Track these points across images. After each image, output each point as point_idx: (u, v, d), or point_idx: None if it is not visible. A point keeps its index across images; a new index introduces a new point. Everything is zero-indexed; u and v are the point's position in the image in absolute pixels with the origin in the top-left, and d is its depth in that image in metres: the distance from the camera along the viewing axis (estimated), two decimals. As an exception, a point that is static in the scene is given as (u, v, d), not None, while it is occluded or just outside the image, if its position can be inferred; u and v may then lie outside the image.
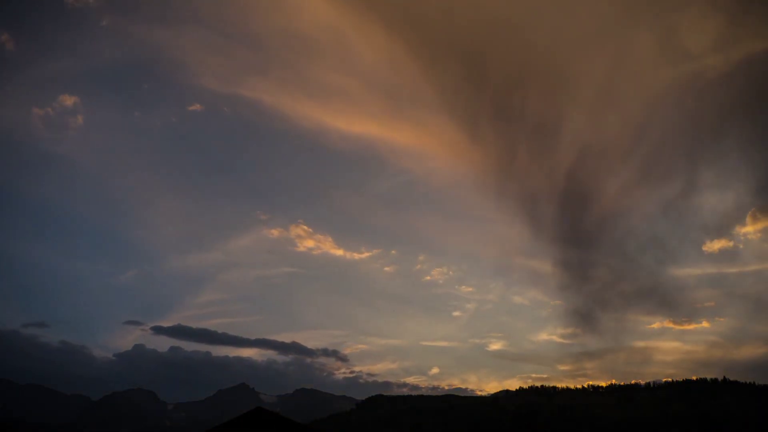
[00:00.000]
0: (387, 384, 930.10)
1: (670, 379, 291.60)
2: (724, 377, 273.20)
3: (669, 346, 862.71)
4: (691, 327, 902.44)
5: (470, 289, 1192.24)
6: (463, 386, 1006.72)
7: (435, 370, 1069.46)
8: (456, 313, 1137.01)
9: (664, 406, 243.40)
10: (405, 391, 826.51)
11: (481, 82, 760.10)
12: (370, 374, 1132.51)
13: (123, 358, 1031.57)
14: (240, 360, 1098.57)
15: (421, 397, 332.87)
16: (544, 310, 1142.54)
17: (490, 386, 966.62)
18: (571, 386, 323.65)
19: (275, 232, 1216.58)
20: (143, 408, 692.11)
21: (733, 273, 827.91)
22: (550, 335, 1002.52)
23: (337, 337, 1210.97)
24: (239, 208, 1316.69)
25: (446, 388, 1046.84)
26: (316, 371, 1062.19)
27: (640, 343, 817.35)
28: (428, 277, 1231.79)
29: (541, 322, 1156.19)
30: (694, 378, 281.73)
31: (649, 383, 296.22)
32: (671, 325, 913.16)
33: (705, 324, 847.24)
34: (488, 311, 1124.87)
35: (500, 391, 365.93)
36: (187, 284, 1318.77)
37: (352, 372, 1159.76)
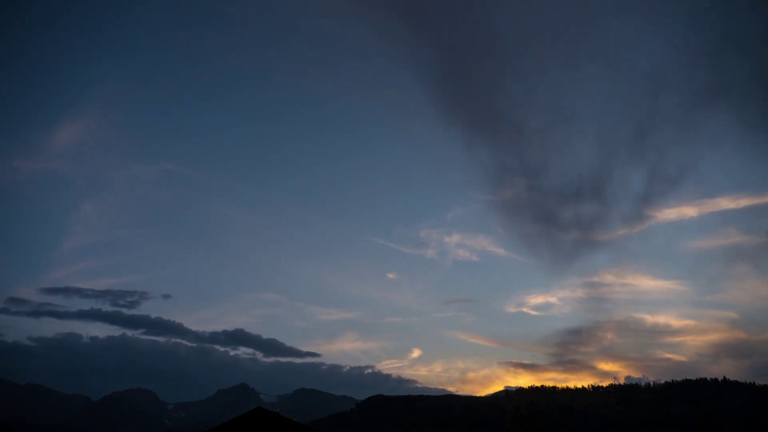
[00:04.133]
0: (388, 376, 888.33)
1: (670, 380, 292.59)
2: (724, 377, 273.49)
3: (678, 324, 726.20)
4: (708, 298, 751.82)
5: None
6: (443, 374, 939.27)
7: (416, 353, 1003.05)
8: (390, 275, 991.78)
9: (664, 406, 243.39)
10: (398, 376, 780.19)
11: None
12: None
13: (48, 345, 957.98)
14: (211, 351, 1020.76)
15: (420, 397, 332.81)
16: (501, 271, 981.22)
17: (477, 376, 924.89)
18: (570, 384, 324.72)
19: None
20: (143, 408, 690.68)
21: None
22: (519, 307, 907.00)
23: (270, 305, 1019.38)
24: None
25: (425, 372, 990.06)
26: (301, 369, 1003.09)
27: (647, 318, 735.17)
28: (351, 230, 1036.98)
29: (503, 285, 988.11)
30: (694, 378, 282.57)
31: (649, 383, 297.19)
32: (674, 286, 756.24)
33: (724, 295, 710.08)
34: (436, 272, 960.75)
35: (500, 391, 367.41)
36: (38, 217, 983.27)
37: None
